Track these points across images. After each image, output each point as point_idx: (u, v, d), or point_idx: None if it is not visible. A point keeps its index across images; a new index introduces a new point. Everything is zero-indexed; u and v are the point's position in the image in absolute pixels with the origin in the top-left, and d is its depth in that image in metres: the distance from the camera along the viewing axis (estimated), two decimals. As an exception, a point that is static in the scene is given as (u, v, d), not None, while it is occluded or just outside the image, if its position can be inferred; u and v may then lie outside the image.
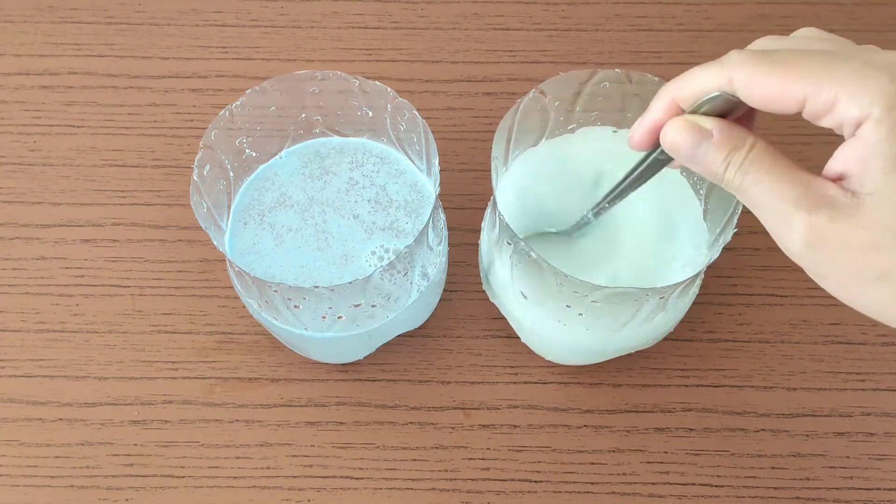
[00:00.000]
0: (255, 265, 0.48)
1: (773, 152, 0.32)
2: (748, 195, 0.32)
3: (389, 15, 0.65)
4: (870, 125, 0.29)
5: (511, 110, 0.46)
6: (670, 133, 0.34)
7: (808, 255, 0.31)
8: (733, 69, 0.31)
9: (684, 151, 0.34)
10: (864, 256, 0.30)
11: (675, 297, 0.44)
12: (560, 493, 0.50)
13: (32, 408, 0.52)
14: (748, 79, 0.31)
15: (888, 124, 0.28)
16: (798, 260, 0.32)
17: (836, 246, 0.30)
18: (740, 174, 0.32)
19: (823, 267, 0.31)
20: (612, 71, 0.46)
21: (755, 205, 0.32)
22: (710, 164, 0.33)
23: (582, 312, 0.44)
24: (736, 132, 0.33)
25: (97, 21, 0.65)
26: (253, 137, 0.50)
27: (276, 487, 0.50)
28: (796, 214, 0.30)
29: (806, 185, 0.30)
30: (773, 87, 0.30)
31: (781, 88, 0.30)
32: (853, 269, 0.30)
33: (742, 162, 0.32)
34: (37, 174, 0.59)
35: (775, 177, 0.31)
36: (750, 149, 0.32)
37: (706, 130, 0.33)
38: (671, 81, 0.34)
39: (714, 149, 0.33)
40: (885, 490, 0.50)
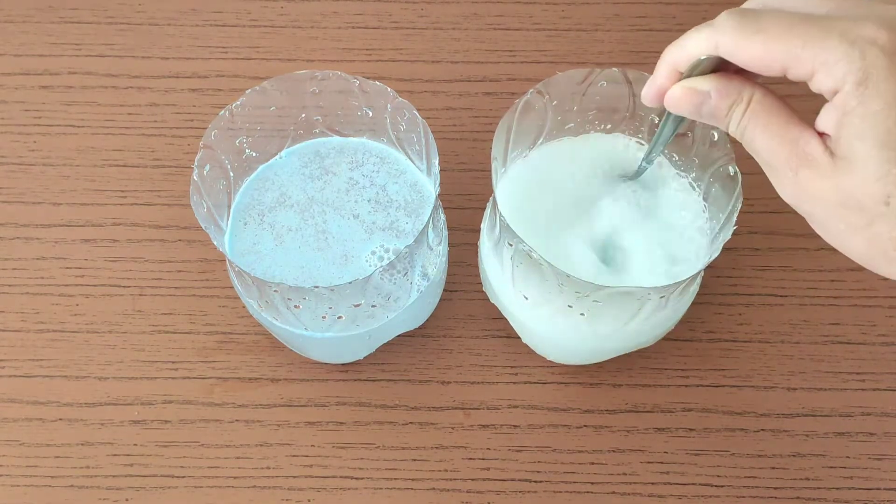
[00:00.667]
0: (255, 265, 0.48)
1: (768, 105, 0.34)
2: (749, 147, 0.35)
3: (389, 15, 0.65)
4: (841, 97, 0.31)
5: (510, 110, 0.46)
6: (671, 101, 0.37)
7: (797, 205, 0.35)
8: (719, 35, 0.34)
9: (688, 112, 0.37)
10: (838, 211, 0.33)
11: (675, 295, 0.44)
12: (560, 493, 0.50)
13: (32, 408, 0.52)
14: (732, 45, 0.33)
15: (856, 96, 0.31)
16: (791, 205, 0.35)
17: (815, 200, 0.33)
18: (740, 129, 0.35)
19: (809, 217, 0.35)
20: (611, 70, 0.47)
21: (755, 155, 0.35)
22: (716, 121, 0.36)
23: (584, 312, 0.44)
24: (733, 87, 0.35)
25: (97, 21, 0.65)
26: (253, 137, 0.50)
27: (276, 487, 0.50)
28: (786, 171, 0.34)
29: (794, 143, 0.33)
30: (755, 54, 0.33)
31: (763, 56, 0.33)
32: (830, 221, 0.34)
33: (741, 117, 0.35)
34: (37, 174, 0.59)
35: (769, 134, 0.34)
36: (747, 104, 0.35)
37: (703, 92, 0.36)
38: (669, 45, 0.37)
39: (714, 108, 0.35)
40: (885, 490, 0.50)
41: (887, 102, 0.31)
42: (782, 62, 0.32)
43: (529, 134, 0.49)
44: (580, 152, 0.50)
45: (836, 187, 0.32)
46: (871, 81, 0.31)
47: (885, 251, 0.33)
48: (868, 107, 0.31)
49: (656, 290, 0.42)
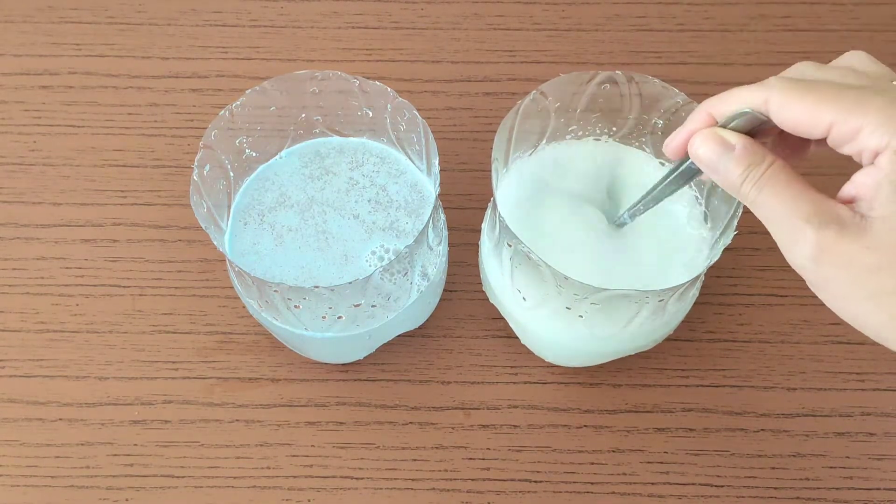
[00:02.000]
0: (255, 265, 0.48)
1: (789, 172, 0.34)
2: (762, 209, 0.34)
3: (389, 15, 0.65)
4: (887, 155, 0.31)
5: (511, 111, 0.46)
6: (697, 142, 0.36)
7: (812, 268, 0.33)
8: (771, 91, 0.34)
9: (707, 161, 0.36)
10: (863, 275, 0.32)
11: (674, 299, 0.44)
12: (560, 493, 0.50)
13: (32, 408, 0.52)
14: (783, 102, 0.34)
15: None
16: (802, 272, 0.34)
17: (839, 262, 0.32)
18: (756, 189, 0.34)
19: (825, 281, 0.33)
20: (614, 72, 0.46)
21: (767, 218, 0.34)
22: (730, 176, 0.35)
23: (582, 314, 0.44)
24: (757, 149, 0.35)
25: (97, 21, 0.65)
26: (253, 137, 0.50)
27: (276, 487, 0.50)
28: (807, 228, 0.32)
29: (818, 204, 0.33)
30: (804, 111, 0.33)
31: (812, 113, 0.33)
32: (851, 286, 0.32)
33: (759, 178, 0.34)
34: (37, 174, 0.59)
35: (789, 194, 0.33)
36: (768, 167, 0.34)
37: (729, 144, 0.35)
38: (713, 97, 0.37)
39: (734, 162, 0.35)
40: (885, 490, 0.50)
41: None
42: (829, 120, 0.32)
43: (532, 135, 0.49)
44: (582, 153, 0.50)
45: (865, 247, 0.31)
46: None
47: None
48: None
49: (654, 293, 0.42)
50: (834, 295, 0.33)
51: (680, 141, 0.38)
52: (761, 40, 0.64)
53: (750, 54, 0.63)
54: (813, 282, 0.34)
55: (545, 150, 0.50)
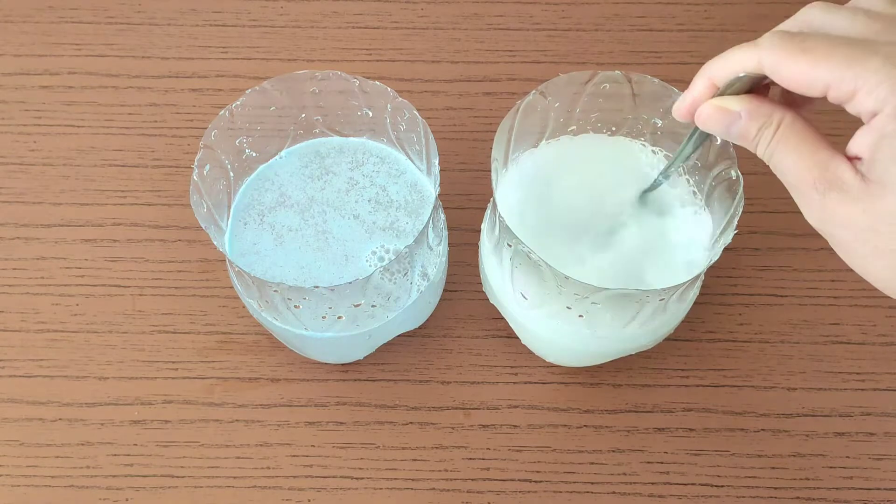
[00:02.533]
0: (255, 265, 0.48)
1: (798, 129, 0.34)
2: (776, 169, 0.35)
3: (389, 15, 0.65)
4: (881, 118, 0.31)
5: (511, 111, 0.46)
6: (702, 117, 0.37)
7: (822, 229, 0.34)
8: (764, 52, 0.34)
9: (718, 130, 0.37)
10: (865, 236, 0.33)
11: (675, 299, 0.44)
12: (560, 493, 0.50)
13: (32, 408, 0.52)
14: (776, 63, 0.33)
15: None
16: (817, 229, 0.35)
17: (843, 224, 0.33)
18: (769, 151, 0.35)
19: (833, 239, 0.34)
20: (613, 72, 0.46)
21: (782, 178, 0.35)
22: (744, 142, 0.36)
23: (582, 314, 0.44)
24: (764, 109, 0.35)
25: (97, 21, 0.65)
26: (253, 137, 0.50)
27: (276, 487, 0.50)
28: (813, 194, 0.34)
29: (824, 167, 0.33)
30: (798, 72, 0.33)
31: (806, 75, 0.33)
32: (856, 245, 0.33)
33: (770, 141, 0.35)
34: (37, 174, 0.59)
35: (797, 157, 0.34)
36: (776, 127, 0.35)
37: (734, 112, 0.36)
38: (710, 60, 0.37)
39: (744, 128, 0.35)
40: (885, 490, 0.50)
41: None
42: (825, 81, 0.32)
43: (531, 135, 0.49)
44: (582, 153, 0.50)
45: (866, 210, 0.32)
46: None
47: None
48: None
49: (655, 292, 0.42)
50: (844, 252, 0.34)
51: (685, 108, 0.38)
52: (761, 40, 0.64)
53: (750, 54, 0.63)
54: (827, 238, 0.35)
55: (545, 149, 0.50)
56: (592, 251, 0.47)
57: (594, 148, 0.50)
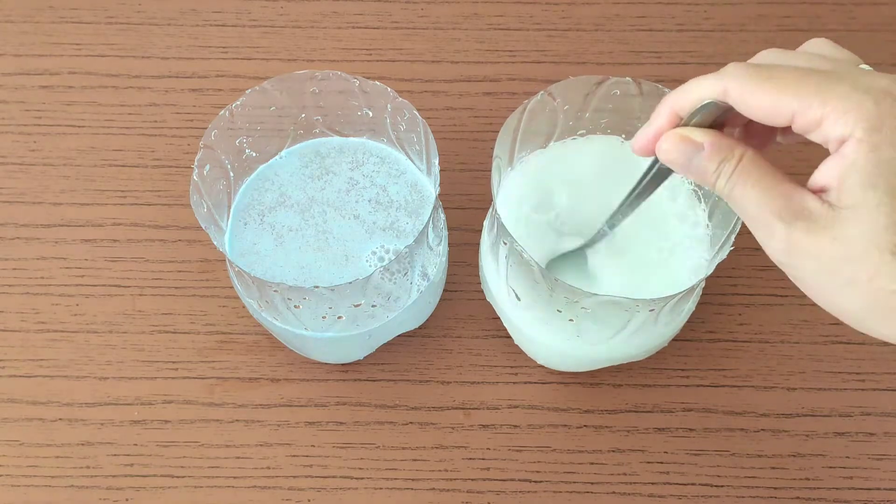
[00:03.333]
0: (255, 265, 0.48)
1: (760, 164, 0.34)
2: (736, 204, 0.34)
3: (389, 15, 0.65)
4: (851, 144, 0.30)
5: (517, 110, 0.46)
6: (664, 146, 0.36)
7: (786, 262, 0.33)
8: (729, 81, 0.33)
9: (678, 163, 0.35)
10: (835, 266, 0.31)
11: (667, 311, 0.44)
12: (560, 493, 0.50)
13: (32, 408, 0.52)
14: (742, 91, 0.33)
15: (869, 144, 0.30)
16: (779, 265, 0.34)
17: (810, 254, 0.32)
18: (729, 185, 0.34)
19: (799, 272, 0.33)
20: (623, 79, 0.46)
21: (743, 213, 0.34)
22: (703, 175, 0.35)
23: (572, 318, 0.44)
24: (726, 144, 0.34)
25: (97, 21, 0.65)
26: (253, 137, 0.50)
27: (276, 487, 0.50)
28: (777, 225, 0.32)
29: (788, 198, 0.32)
30: (765, 100, 0.32)
31: (773, 103, 0.32)
32: (825, 277, 0.32)
33: (731, 173, 0.34)
34: (37, 174, 0.59)
35: (760, 189, 0.33)
36: (738, 160, 0.34)
37: (697, 143, 0.35)
38: (672, 92, 0.36)
39: (705, 160, 0.34)
40: (885, 490, 0.50)
41: None
42: (791, 109, 0.31)
43: (538, 136, 0.49)
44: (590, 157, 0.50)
45: (834, 239, 0.31)
46: (886, 129, 0.30)
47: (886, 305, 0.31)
48: (881, 154, 0.30)
49: (645, 302, 0.42)
50: (811, 286, 0.33)
51: (646, 140, 0.37)
52: (761, 40, 0.64)
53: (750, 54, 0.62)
54: (789, 273, 0.34)
55: (552, 150, 0.50)
56: (590, 256, 0.47)
57: (602, 145, 0.50)
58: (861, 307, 0.32)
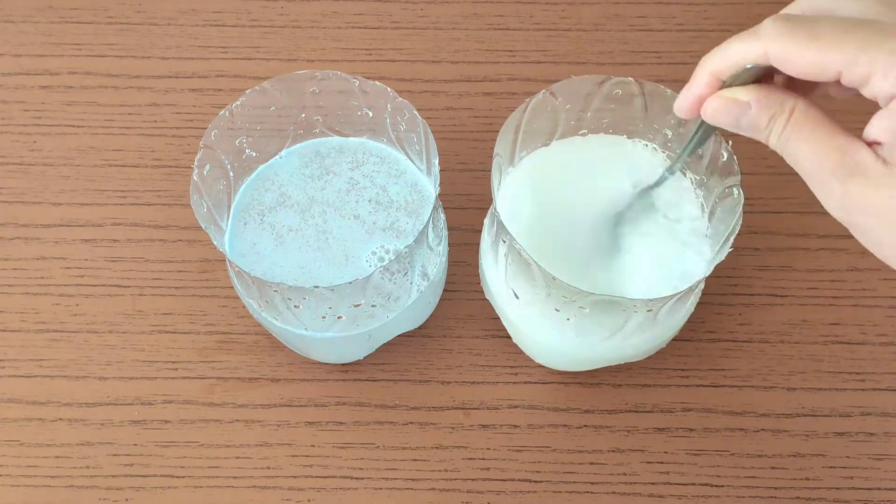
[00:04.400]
0: (255, 265, 0.48)
1: (812, 116, 0.33)
2: (790, 159, 0.33)
3: (389, 15, 0.65)
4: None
5: (519, 109, 0.46)
6: (710, 111, 0.35)
7: (845, 218, 0.33)
8: (769, 42, 0.32)
9: (727, 123, 0.35)
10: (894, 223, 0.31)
11: (664, 312, 0.44)
12: (560, 493, 0.50)
13: (32, 408, 0.52)
14: (783, 51, 0.32)
15: None
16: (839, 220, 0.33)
17: (868, 211, 0.31)
18: (782, 140, 0.33)
19: (859, 228, 0.33)
20: (626, 79, 0.46)
21: (797, 168, 0.33)
22: (755, 133, 0.34)
23: (570, 317, 0.44)
24: (774, 98, 0.34)
25: (97, 21, 0.65)
26: (253, 137, 0.50)
27: (276, 487, 0.50)
28: (832, 182, 0.32)
29: (842, 152, 0.32)
30: (808, 60, 0.31)
31: (817, 62, 0.31)
32: (885, 232, 0.32)
33: (783, 129, 0.33)
34: (37, 174, 0.59)
35: (813, 144, 0.32)
36: (789, 115, 0.33)
37: (744, 103, 0.34)
38: (709, 54, 0.35)
39: (755, 118, 0.34)
40: (885, 490, 0.50)
41: None
42: (837, 66, 0.31)
43: (539, 135, 0.49)
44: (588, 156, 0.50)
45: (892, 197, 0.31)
46: None
47: None
48: None
49: (643, 302, 0.42)
50: (871, 241, 0.33)
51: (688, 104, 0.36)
52: (761, 40, 0.64)
53: (750, 54, 0.63)
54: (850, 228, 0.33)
55: (554, 149, 0.50)
56: (591, 255, 0.47)
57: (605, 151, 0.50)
58: None
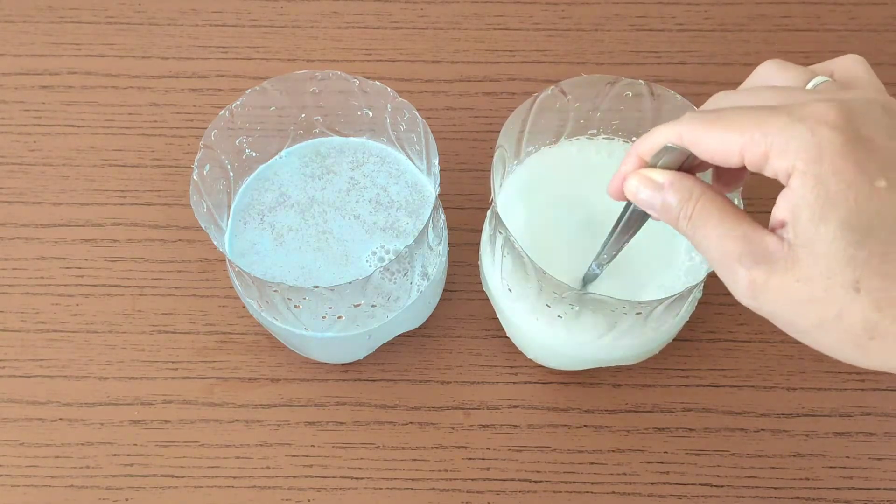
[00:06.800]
0: (255, 265, 0.48)
1: (719, 204, 0.33)
2: (699, 247, 0.34)
3: (389, 15, 0.65)
4: (797, 177, 0.30)
5: (527, 102, 0.45)
6: (629, 185, 0.36)
7: (756, 306, 0.32)
8: (683, 125, 0.34)
9: (643, 202, 0.35)
10: (803, 307, 0.31)
11: (656, 316, 0.44)
12: (560, 493, 0.50)
13: (32, 408, 0.52)
14: (693, 133, 0.33)
15: (812, 176, 0.30)
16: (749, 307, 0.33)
17: (775, 297, 0.31)
18: (691, 227, 0.34)
19: (771, 315, 0.32)
20: (636, 81, 0.46)
21: (706, 256, 0.34)
22: (668, 216, 0.35)
23: (561, 315, 0.44)
24: (685, 184, 0.34)
25: (97, 21, 0.65)
26: (253, 137, 0.50)
27: (276, 487, 0.50)
28: (739, 270, 0.32)
29: (748, 240, 0.32)
30: (714, 141, 0.32)
31: (721, 142, 0.32)
32: (796, 317, 0.31)
33: (691, 214, 0.34)
34: (37, 174, 0.59)
35: (720, 231, 0.33)
36: (696, 201, 0.34)
37: (658, 182, 0.35)
38: (638, 139, 0.36)
39: (668, 199, 0.34)
40: (885, 490, 0.50)
41: (846, 181, 0.29)
42: (739, 146, 0.31)
43: (548, 133, 0.49)
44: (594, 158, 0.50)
45: (797, 281, 0.30)
46: (826, 160, 0.29)
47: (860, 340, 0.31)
48: (827, 186, 0.29)
49: (632, 304, 0.42)
50: (784, 325, 0.32)
51: (617, 184, 0.37)
52: (761, 40, 0.64)
53: (750, 54, 0.63)
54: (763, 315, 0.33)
55: (561, 148, 0.50)
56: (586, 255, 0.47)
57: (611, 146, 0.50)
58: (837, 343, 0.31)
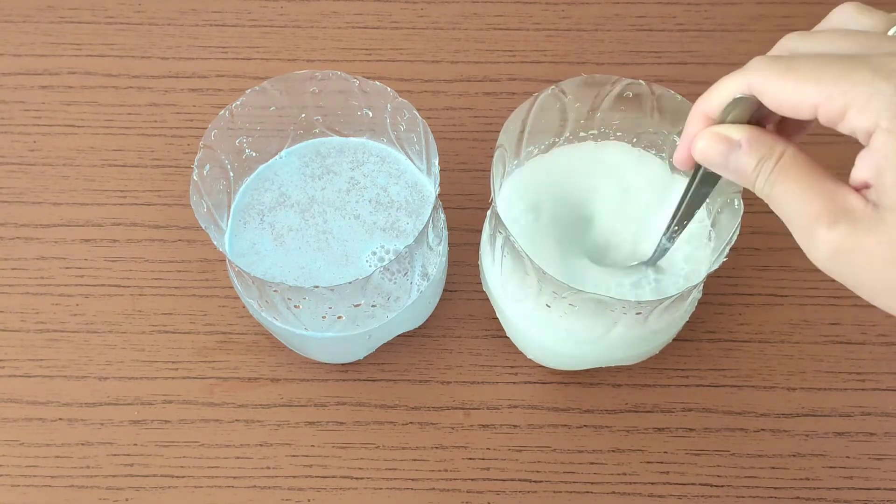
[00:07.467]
0: (255, 265, 0.48)
1: (801, 161, 0.31)
2: (776, 205, 0.32)
3: (389, 15, 0.65)
4: (880, 136, 0.28)
5: (527, 102, 0.45)
6: (700, 145, 0.34)
7: (832, 269, 0.31)
8: (752, 75, 0.32)
9: (716, 162, 0.34)
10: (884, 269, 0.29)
11: (655, 316, 0.44)
12: (560, 493, 0.50)
13: (32, 408, 0.52)
14: (764, 84, 0.31)
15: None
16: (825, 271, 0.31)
17: (855, 260, 0.30)
18: (769, 184, 0.32)
19: (847, 277, 0.31)
20: (637, 81, 0.46)
21: (782, 215, 0.32)
22: (742, 174, 0.33)
23: (560, 315, 0.44)
24: (765, 140, 0.32)
25: (97, 21, 0.65)
26: (253, 137, 0.50)
27: (276, 487, 0.50)
28: (817, 229, 0.30)
29: (829, 198, 0.30)
30: (786, 93, 0.30)
31: (794, 95, 0.30)
32: (874, 280, 0.30)
33: (770, 172, 0.32)
34: (37, 174, 0.59)
35: (800, 188, 0.31)
36: (778, 158, 0.32)
37: (734, 140, 0.33)
38: (700, 97, 0.34)
39: (744, 157, 0.32)
40: (885, 490, 0.50)
41: None
42: (813, 100, 0.30)
43: (548, 133, 0.49)
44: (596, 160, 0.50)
45: (881, 242, 0.29)
46: None
47: None
48: None
49: (631, 304, 0.41)
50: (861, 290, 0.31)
51: (685, 151, 0.35)
52: (761, 40, 0.64)
53: (750, 54, 0.63)
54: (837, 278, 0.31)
55: (562, 150, 0.50)
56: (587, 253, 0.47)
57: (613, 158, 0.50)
58: None
